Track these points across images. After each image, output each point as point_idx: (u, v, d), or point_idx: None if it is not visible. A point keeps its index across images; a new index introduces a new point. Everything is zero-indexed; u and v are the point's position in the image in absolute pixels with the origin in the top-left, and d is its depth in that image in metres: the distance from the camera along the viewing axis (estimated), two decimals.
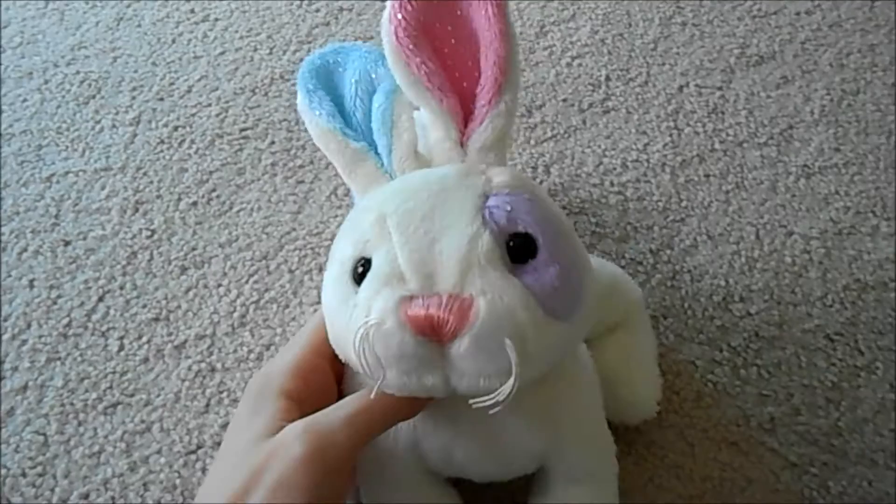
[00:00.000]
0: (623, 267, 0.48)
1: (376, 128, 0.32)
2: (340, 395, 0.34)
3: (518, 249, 0.28)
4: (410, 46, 0.31)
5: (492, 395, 0.26)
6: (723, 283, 0.47)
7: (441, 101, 0.31)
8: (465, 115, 0.32)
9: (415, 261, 0.27)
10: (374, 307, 0.27)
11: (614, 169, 0.53)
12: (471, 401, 0.27)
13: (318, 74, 0.34)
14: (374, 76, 0.34)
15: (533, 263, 0.28)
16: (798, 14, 0.63)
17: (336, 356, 0.31)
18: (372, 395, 0.28)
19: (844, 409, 0.42)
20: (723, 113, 0.56)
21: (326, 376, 0.33)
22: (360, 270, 0.28)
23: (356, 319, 0.27)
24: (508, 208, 0.28)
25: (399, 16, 0.31)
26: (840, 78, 0.58)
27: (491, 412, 0.26)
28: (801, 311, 0.46)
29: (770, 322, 0.45)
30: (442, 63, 0.32)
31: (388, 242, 0.28)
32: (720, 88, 0.58)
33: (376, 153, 0.33)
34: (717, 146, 0.54)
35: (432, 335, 0.26)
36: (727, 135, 0.55)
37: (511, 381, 0.26)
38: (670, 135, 0.55)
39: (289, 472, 0.27)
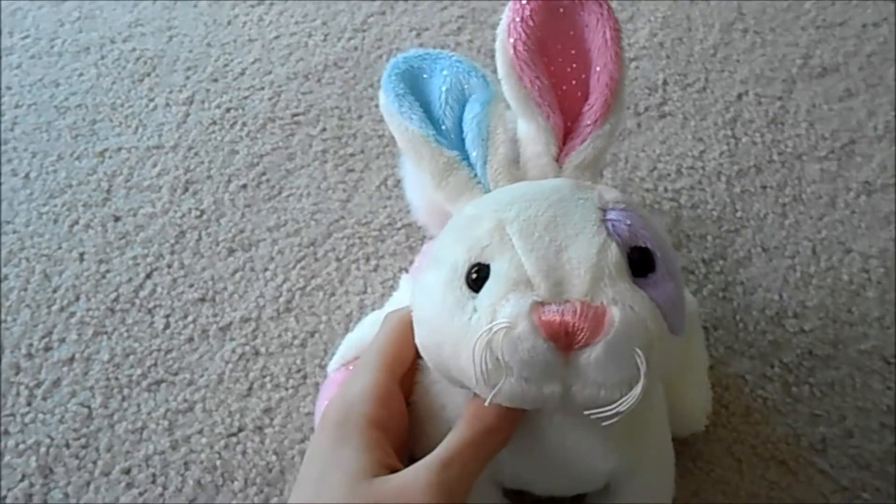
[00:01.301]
0: None
1: (470, 138, 0.32)
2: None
3: (639, 263, 0.28)
4: (527, 61, 0.31)
5: (612, 406, 0.26)
6: (776, 297, 0.46)
7: (548, 117, 0.31)
8: (564, 132, 0.32)
9: (543, 267, 0.27)
10: (502, 311, 0.26)
11: (669, 175, 0.52)
12: (587, 412, 0.26)
13: (403, 78, 0.34)
14: (465, 86, 0.34)
15: (653, 278, 0.28)
16: (864, 26, 0.61)
17: (404, 377, 0.31)
18: (486, 404, 0.27)
19: None
20: (782, 124, 0.55)
21: (402, 401, 0.32)
22: (475, 276, 0.28)
23: (476, 324, 0.27)
24: (629, 222, 0.28)
25: (519, 29, 0.31)
26: None
27: (604, 423, 0.26)
28: (858, 331, 0.45)
29: (824, 340, 0.44)
30: (549, 79, 0.32)
31: (510, 249, 0.28)
32: (780, 98, 0.56)
33: (468, 162, 0.32)
34: (775, 157, 0.53)
35: (565, 342, 0.26)
36: (786, 146, 0.54)
37: (636, 390, 0.26)
38: (727, 143, 0.54)
39: None
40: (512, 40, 0.31)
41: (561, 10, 0.32)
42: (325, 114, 0.55)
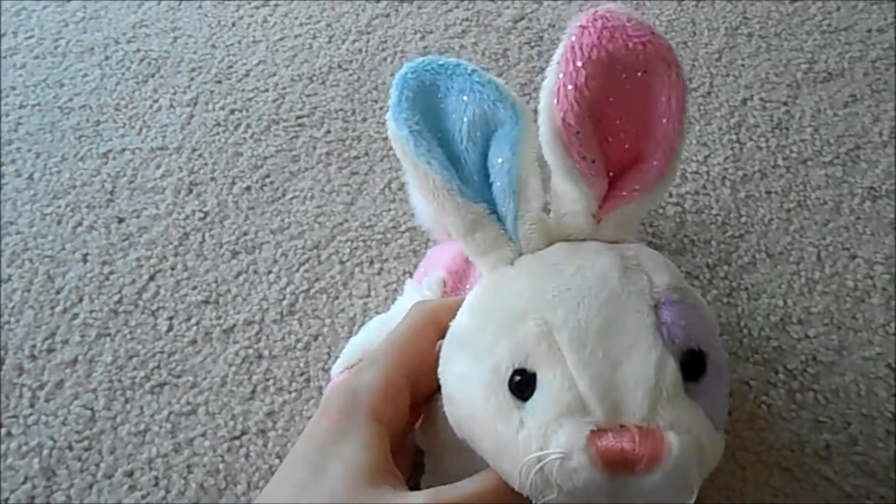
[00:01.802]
0: None
1: (500, 189, 0.29)
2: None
3: (692, 368, 0.27)
4: (578, 135, 0.28)
5: None
6: (781, 303, 0.46)
7: (593, 185, 0.29)
8: (603, 187, 0.30)
9: (598, 390, 0.26)
10: (556, 439, 0.25)
11: (673, 179, 0.52)
12: None
13: (415, 103, 0.30)
14: (490, 118, 0.29)
15: (704, 382, 0.27)
16: (869, 31, 0.61)
17: (418, 380, 0.31)
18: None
19: None
20: (787, 129, 0.55)
21: (407, 401, 0.31)
22: (519, 380, 0.26)
23: (526, 442, 0.26)
24: (683, 323, 0.27)
25: (572, 99, 0.27)
26: None
27: None
28: (862, 338, 0.44)
29: (829, 347, 0.44)
30: (598, 139, 0.29)
31: (560, 362, 0.26)
32: (785, 103, 0.56)
33: (495, 214, 0.30)
34: (779, 162, 0.53)
35: (623, 471, 0.25)
36: (791, 151, 0.53)
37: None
38: (732, 148, 0.54)
39: None
40: (562, 113, 0.27)
41: (618, 62, 0.28)
42: (330, 116, 0.55)
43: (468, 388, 0.28)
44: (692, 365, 0.27)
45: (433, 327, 0.31)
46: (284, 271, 0.47)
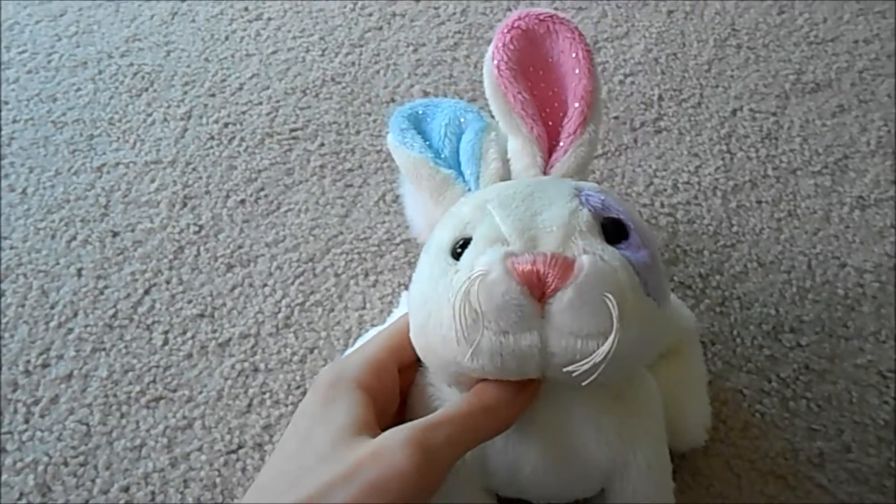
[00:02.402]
0: (672, 291, 0.47)
1: (465, 158, 0.35)
2: (402, 412, 0.34)
3: (612, 230, 0.30)
4: (509, 79, 0.34)
5: (588, 360, 0.27)
6: (773, 311, 0.46)
7: (532, 129, 0.34)
8: (549, 148, 0.35)
9: (518, 227, 0.29)
10: (479, 263, 0.28)
11: (665, 190, 0.52)
12: (565, 368, 0.27)
13: (407, 119, 0.37)
14: (462, 120, 0.37)
15: (627, 243, 0.29)
16: (856, 42, 0.62)
17: (405, 366, 0.32)
18: (466, 358, 0.28)
19: None
20: (776, 139, 0.55)
21: (395, 380, 0.33)
22: (460, 250, 0.30)
23: (458, 281, 0.28)
24: (602, 197, 0.31)
25: (501, 52, 0.34)
26: None
27: (584, 383, 0.27)
28: (854, 346, 0.45)
29: (821, 355, 0.45)
30: (533, 99, 0.35)
31: (489, 219, 0.30)
32: (774, 114, 0.57)
33: (463, 180, 0.35)
34: (769, 172, 0.53)
35: (537, 287, 0.27)
36: (780, 161, 0.54)
37: (610, 339, 0.26)
38: (722, 158, 0.54)
39: (387, 479, 0.26)
40: (496, 62, 0.34)
41: (538, 38, 0.35)
42: (323, 129, 0.55)
43: (420, 275, 0.31)
44: (613, 229, 0.30)
45: None
46: (279, 284, 0.47)
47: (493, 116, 0.36)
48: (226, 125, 0.56)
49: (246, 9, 0.64)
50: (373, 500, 0.26)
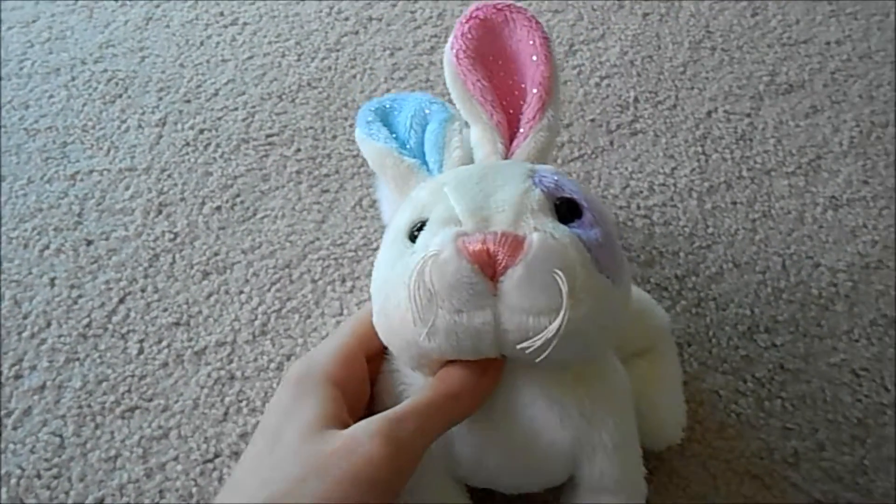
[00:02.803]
0: (648, 292, 0.47)
1: (429, 148, 0.36)
2: (372, 398, 0.34)
3: (564, 210, 0.30)
4: (468, 66, 0.35)
5: (540, 336, 0.27)
6: (748, 312, 0.47)
7: (491, 115, 0.35)
8: (510, 135, 0.35)
9: (471, 207, 0.30)
10: (432, 244, 0.28)
11: (641, 192, 0.52)
12: (519, 345, 0.27)
13: (374, 113, 0.38)
14: (427, 111, 0.37)
15: (578, 222, 0.30)
16: (828, 44, 0.63)
17: (374, 354, 0.32)
18: (421, 339, 0.28)
19: (870, 446, 0.41)
20: (751, 140, 0.56)
21: (364, 370, 0.33)
22: (416, 233, 0.30)
23: (413, 262, 0.28)
24: (556, 178, 0.31)
25: (460, 41, 0.35)
26: (869, 110, 0.58)
27: (537, 360, 0.27)
28: (827, 345, 0.45)
29: (795, 354, 0.45)
30: (490, 83, 0.35)
31: (444, 201, 0.30)
32: (749, 115, 0.57)
33: (427, 168, 0.35)
34: (744, 173, 0.54)
35: (487, 265, 0.27)
36: (755, 162, 0.55)
37: (561, 315, 0.27)
38: (698, 160, 0.54)
39: (358, 470, 0.27)
40: (454, 51, 0.35)
41: (496, 28, 0.36)
42: (300, 134, 0.55)
43: (380, 259, 0.32)
44: (566, 209, 0.30)
45: None
46: (256, 291, 0.47)
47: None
48: (201, 131, 0.55)
49: (221, 14, 0.64)
50: (344, 492, 0.26)
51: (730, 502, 0.39)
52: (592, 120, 0.57)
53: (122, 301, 0.46)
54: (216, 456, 0.40)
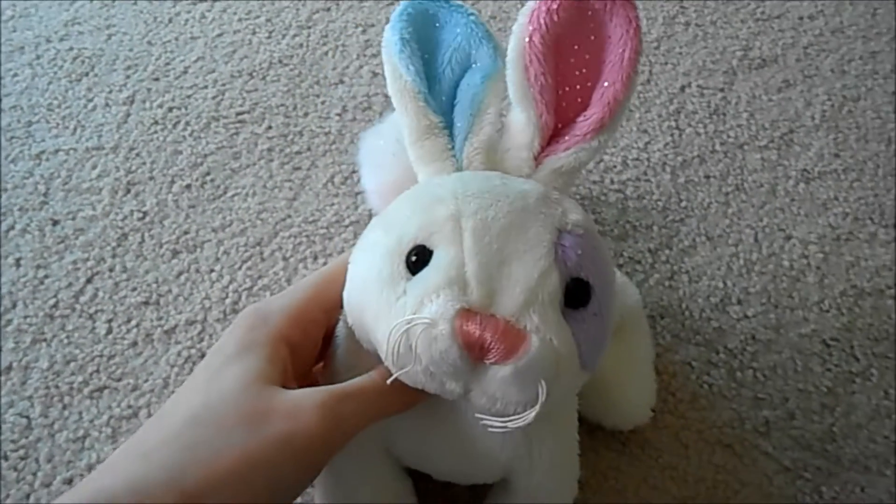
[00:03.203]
0: (621, 266, 0.47)
1: (460, 108, 0.32)
2: (322, 355, 0.34)
3: (574, 294, 0.28)
4: (539, 55, 0.30)
5: (503, 420, 0.26)
6: (720, 284, 0.47)
7: (541, 115, 0.31)
8: (551, 133, 0.32)
9: (482, 275, 0.27)
10: (429, 307, 0.26)
11: (615, 167, 0.52)
12: (479, 416, 0.27)
13: (413, 20, 0.32)
14: (473, 51, 0.32)
15: (583, 313, 0.28)
16: (801, 18, 0.63)
17: (332, 308, 0.31)
18: (388, 381, 0.27)
19: (839, 414, 0.42)
20: (724, 114, 0.56)
21: (320, 330, 0.32)
22: (415, 259, 0.28)
23: (402, 309, 0.27)
24: (579, 251, 0.28)
25: (542, 21, 0.30)
26: (841, 84, 0.58)
27: (490, 429, 0.27)
28: (798, 316, 0.46)
29: (767, 325, 0.45)
30: (554, 77, 0.31)
31: (457, 244, 0.28)
32: (722, 90, 0.57)
33: (449, 131, 0.32)
34: (717, 147, 0.54)
35: (478, 354, 0.26)
36: (728, 136, 0.55)
37: (528, 415, 0.26)
38: (671, 134, 0.54)
39: (293, 436, 0.26)
40: (531, 29, 0.30)
41: (590, 12, 0.31)
42: (271, 112, 0.55)
43: (372, 254, 0.29)
44: (576, 293, 0.28)
45: None
46: (227, 269, 0.46)
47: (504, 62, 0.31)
48: (170, 109, 0.54)
49: None
50: (272, 453, 0.26)
51: (701, 472, 0.40)
52: None
53: (89, 281, 0.45)
54: None
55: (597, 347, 0.29)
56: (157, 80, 0.56)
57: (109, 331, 0.44)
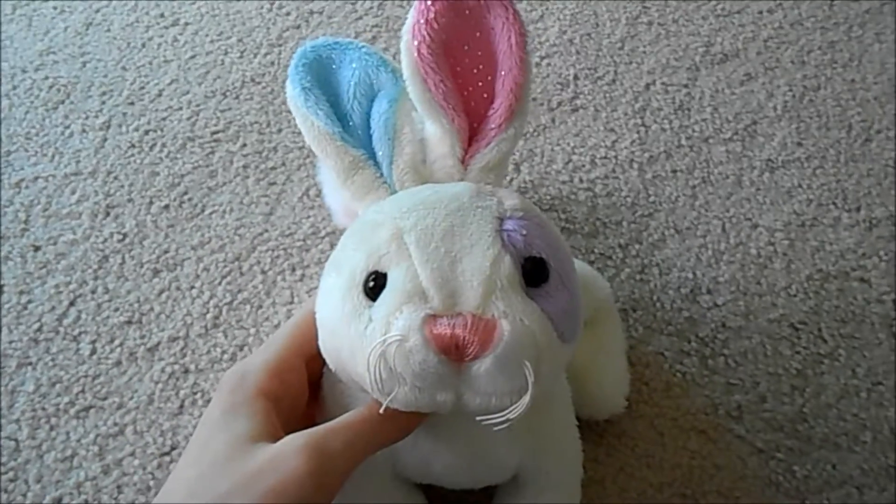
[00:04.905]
0: (592, 262, 0.48)
1: (377, 136, 0.33)
2: (312, 400, 0.34)
3: (532, 273, 0.28)
4: (431, 64, 0.31)
5: (503, 414, 0.27)
6: (690, 275, 0.48)
7: (453, 120, 0.32)
8: (469, 135, 0.32)
9: (437, 279, 0.28)
10: (396, 324, 0.27)
11: (583, 166, 0.54)
12: (479, 418, 0.27)
13: (310, 69, 0.33)
14: (374, 80, 0.33)
15: (545, 288, 0.29)
16: (760, 13, 0.64)
17: (314, 356, 0.31)
18: (381, 411, 0.28)
19: (809, 395, 0.43)
20: (689, 110, 0.57)
21: (302, 377, 0.33)
22: (372, 285, 0.28)
23: (372, 335, 0.27)
24: (524, 232, 0.29)
25: (424, 31, 0.31)
26: (801, 74, 0.60)
27: (496, 429, 0.27)
28: (767, 302, 0.47)
29: (736, 313, 0.46)
30: (454, 81, 0.32)
31: (406, 259, 0.28)
32: (686, 86, 0.59)
33: (374, 161, 0.33)
34: (683, 142, 0.55)
35: (455, 355, 0.26)
36: (693, 131, 0.56)
37: (524, 400, 0.26)
38: (637, 132, 0.56)
39: (283, 485, 0.27)
40: (416, 42, 0.31)
41: (467, 11, 0.32)
42: (245, 129, 0.56)
43: (331, 298, 0.30)
44: (533, 271, 0.28)
45: None
46: (207, 285, 0.47)
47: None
48: (146, 132, 0.55)
49: (162, 15, 0.64)
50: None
51: (676, 458, 0.41)
52: (534, 99, 0.58)
53: (72, 304, 0.46)
54: (173, 448, 0.41)
55: (571, 318, 0.29)
56: (132, 104, 0.57)
57: (94, 351, 0.44)
